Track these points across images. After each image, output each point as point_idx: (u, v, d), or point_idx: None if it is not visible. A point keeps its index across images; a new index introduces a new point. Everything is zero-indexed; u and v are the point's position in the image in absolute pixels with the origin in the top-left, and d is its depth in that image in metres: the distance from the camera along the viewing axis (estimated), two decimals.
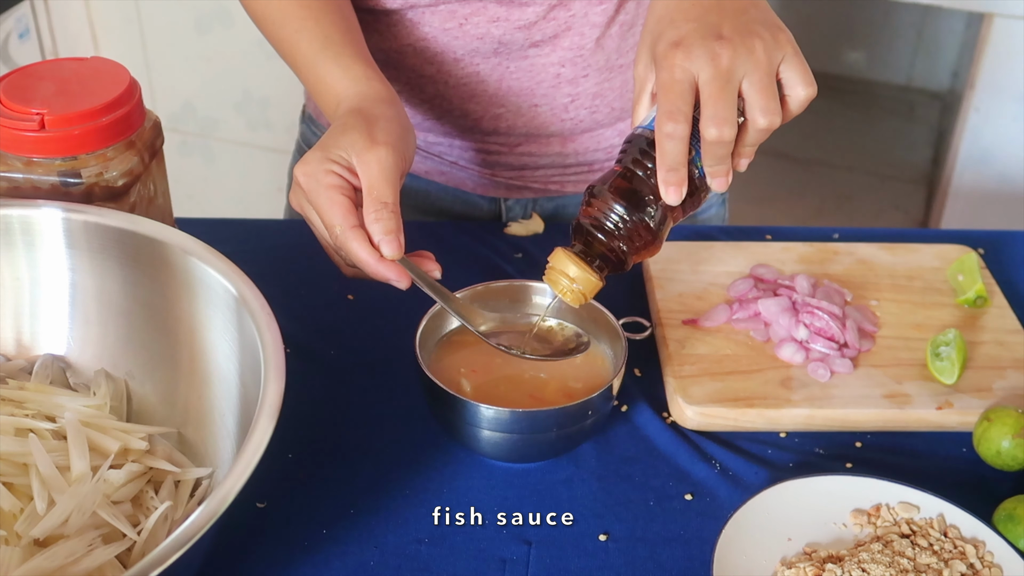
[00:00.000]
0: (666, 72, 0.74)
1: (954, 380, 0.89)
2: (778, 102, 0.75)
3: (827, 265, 1.03)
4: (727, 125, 0.73)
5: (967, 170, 2.07)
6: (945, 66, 3.11)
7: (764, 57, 0.74)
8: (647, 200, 0.76)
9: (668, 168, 0.74)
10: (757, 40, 0.74)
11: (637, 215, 0.76)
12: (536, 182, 1.13)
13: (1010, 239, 1.11)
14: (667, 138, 0.74)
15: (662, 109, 0.74)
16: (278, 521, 0.79)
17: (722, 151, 0.74)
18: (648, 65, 0.78)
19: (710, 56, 0.73)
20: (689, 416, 0.87)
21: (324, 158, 0.78)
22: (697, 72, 0.74)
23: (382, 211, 0.77)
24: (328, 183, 0.77)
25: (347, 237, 0.77)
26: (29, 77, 0.85)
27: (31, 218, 0.80)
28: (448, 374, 0.84)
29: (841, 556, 0.75)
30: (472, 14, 0.98)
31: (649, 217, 0.76)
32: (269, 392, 0.66)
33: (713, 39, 0.74)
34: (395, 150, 0.78)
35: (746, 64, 0.74)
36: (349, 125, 0.80)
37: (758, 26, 0.75)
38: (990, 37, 1.94)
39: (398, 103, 0.84)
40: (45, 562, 0.67)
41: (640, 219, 0.76)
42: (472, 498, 0.81)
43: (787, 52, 0.75)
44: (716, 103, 0.73)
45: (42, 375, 0.82)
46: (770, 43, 0.74)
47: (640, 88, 0.80)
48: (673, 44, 0.75)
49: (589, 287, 0.79)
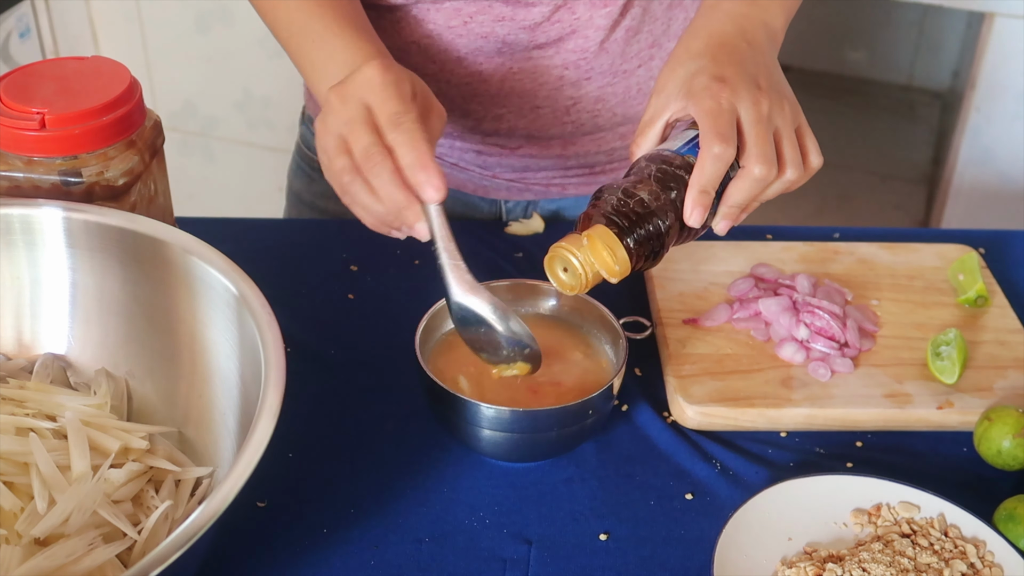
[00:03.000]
0: (712, 101, 0.76)
1: (955, 380, 0.89)
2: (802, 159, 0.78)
3: (828, 265, 1.03)
4: (773, 165, 0.76)
5: (968, 170, 2.07)
6: (946, 65, 3.11)
7: (791, 117, 0.78)
8: (664, 213, 0.75)
9: (701, 189, 0.75)
10: (786, 101, 0.79)
11: (652, 224, 0.75)
12: (537, 184, 1.13)
13: (1011, 238, 1.11)
14: (714, 159, 0.75)
15: (713, 131, 0.75)
16: (278, 521, 0.79)
17: (756, 190, 0.76)
18: (673, 95, 0.80)
19: (753, 100, 0.76)
20: (690, 416, 0.87)
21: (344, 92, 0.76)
22: (741, 111, 0.76)
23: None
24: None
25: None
26: (30, 76, 0.85)
27: (32, 217, 0.80)
28: (448, 373, 0.84)
29: (841, 556, 0.75)
30: (478, 12, 0.98)
31: (661, 228, 0.75)
32: (269, 391, 0.66)
33: (754, 86, 0.77)
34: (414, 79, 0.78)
35: (779, 118, 0.77)
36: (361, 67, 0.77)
37: (784, 89, 0.80)
38: (991, 37, 1.94)
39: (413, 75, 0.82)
40: (45, 561, 0.67)
41: (654, 228, 0.75)
42: (472, 498, 0.81)
43: (802, 121, 0.80)
44: (764, 143, 0.76)
45: (43, 374, 0.82)
46: (795, 107, 0.79)
47: (656, 114, 0.81)
48: (718, 79, 0.77)
49: (625, 268, 0.75)
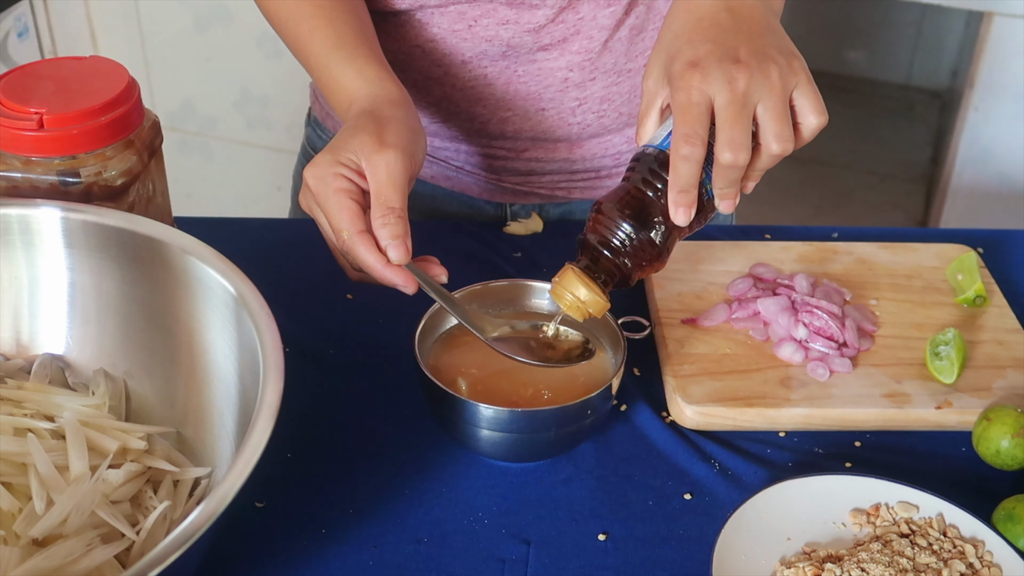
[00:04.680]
0: (683, 93, 0.74)
1: (953, 379, 0.89)
2: (791, 129, 0.75)
3: (826, 264, 1.03)
4: (742, 150, 0.73)
5: (966, 169, 2.07)
6: (945, 65, 3.11)
7: (779, 83, 0.74)
8: (655, 219, 0.76)
9: (680, 189, 0.74)
10: (773, 65, 0.74)
11: (644, 233, 0.76)
12: (543, 188, 1.13)
13: (1009, 238, 1.11)
14: (683, 160, 0.74)
15: (679, 131, 0.74)
16: (277, 521, 0.79)
17: (735, 175, 0.75)
18: (660, 81, 0.78)
19: (727, 79, 0.73)
20: (688, 415, 0.87)
21: (333, 160, 0.78)
22: (714, 95, 0.74)
23: (389, 216, 0.76)
24: (337, 186, 0.77)
25: (354, 242, 0.76)
26: (28, 76, 0.85)
27: (30, 217, 0.80)
28: (447, 373, 0.84)
29: (840, 556, 0.75)
30: (482, 16, 0.97)
31: (656, 235, 0.76)
32: (268, 392, 0.66)
33: (730, 62, 0.74)
34: (404, 153, 0.78)
35: (762, 89, 0.74)
36: (359, 127, 0.80)
37: (774, 51, 0.75)
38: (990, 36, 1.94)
39: (410, 105, 0.84)
40: (44, 562, 0.67)
41: (647, 237, 0.76)
42: (471, 498, 0.81)
43: (800, 79, 0.75)
44: (732, 128, 0.73)
45: (41, 374, 0.82)
46: (785, 69, 0.75)
47: (649, 102, 0.80)
48: (690, 64, 0.75)
49: (598, 308, 0.79)
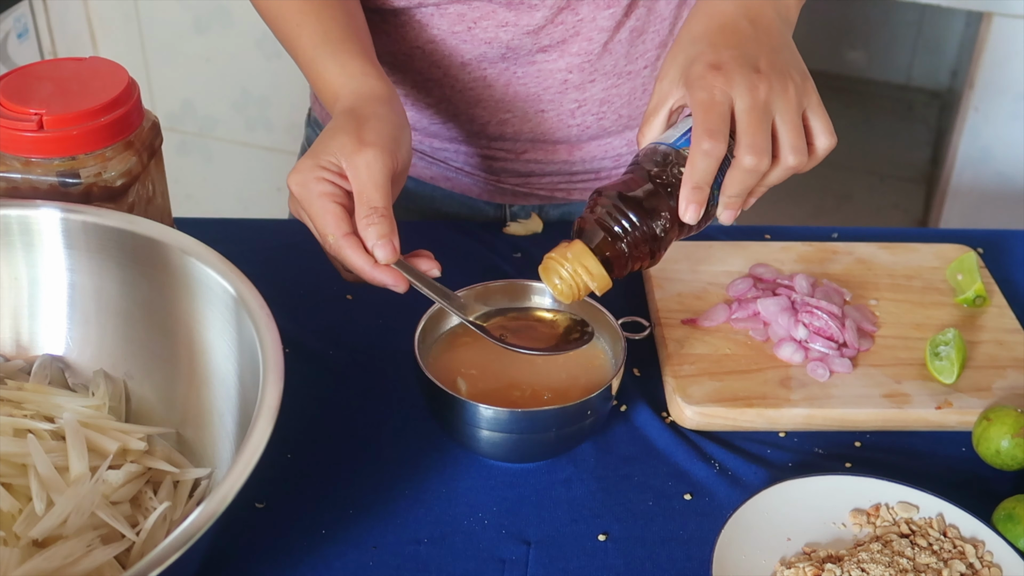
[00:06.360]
0: (705, 92, 0.74)
1: (953, 380, 0.89)
2: (806, 144, 0.76)
3: (826, 264, 1.03)
4: (765, 155, 0.73)
5: (966, 169, 2.07)
6: (944, 65, 3.11)
7: (795, 99, 0.75)
8: (661, 212, 0.75)
9: (694, 185, 0.74)
10: (790, 82, 0.75)
11: (647, 224, 0.75)
12: (542, 189, 1.12)
13: (1009, 238, 1.11)
14: (703, 155, 0.73)
15: (702, 126, 0.73)
16: (277, 521, 0.79)
17: (751, 181, 0.74)
18: (675, 82, 0.78)
19: (749, 86, 0.74)
20: (688, 416, 0.87)
21: (314, 165, 0.77)
22: (735, 99, 0.74)
23: (373, 216, 0.75)
24: (319, 191, 0.76)
25: (340, 245, 0.76)
26: (28, 77, 0.85)
27: (29, 218, 0.80)
28: (447, 374, 0.84)
29: (840, 556, 0.75)
30: (481, 18, 0.97)
31: (658, 229, 0.75)
32: (268, 392, 0.66)
33: (751, 70, 0.74)
34: (384, 151, 0.77)
35: (780, 102, 0.74)
36: (338, 128, 0.79)
37: (791, 69, 0.76)
38: (989, 36, 1.94)
39: (394, 100, 0.83)
40: (44, 563, 0.67)
41: (649, 228, 0.75)
42: (471, 498, 0.81)
43: (812, 101, 0.76)
44: (755, 133, 0.73)
45: (41, 375, 0.82)
46: (800, 88, 0.76)
47: (660, 102, 0.79)
48: (712, 67, 0.75)
49: (603, 283, 0.77)
